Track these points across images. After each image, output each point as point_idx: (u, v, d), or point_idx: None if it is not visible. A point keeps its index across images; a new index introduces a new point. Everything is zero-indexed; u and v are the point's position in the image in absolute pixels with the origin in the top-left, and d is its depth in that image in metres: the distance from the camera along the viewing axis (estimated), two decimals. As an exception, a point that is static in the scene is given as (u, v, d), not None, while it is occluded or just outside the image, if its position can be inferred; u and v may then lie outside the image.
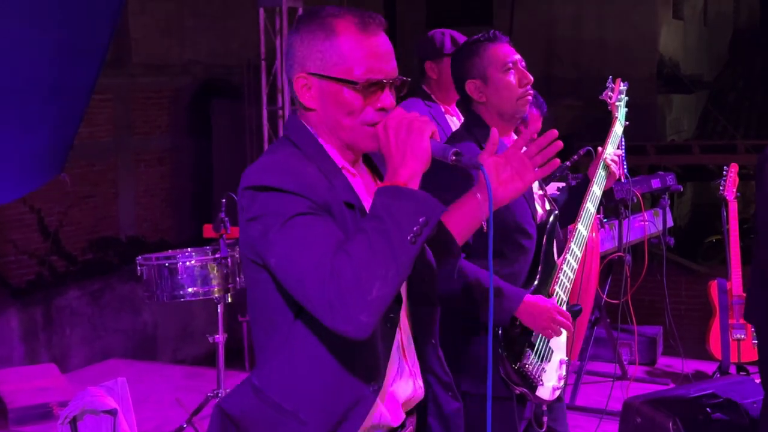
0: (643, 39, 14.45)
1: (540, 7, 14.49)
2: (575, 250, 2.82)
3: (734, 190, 5.42)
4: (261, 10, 7.36)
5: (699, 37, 17.04)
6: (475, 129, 2.78)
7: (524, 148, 1.96)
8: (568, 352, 2.89)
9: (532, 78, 2.80)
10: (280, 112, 7.44)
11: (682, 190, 5.64)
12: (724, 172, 5.47)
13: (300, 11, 7.41)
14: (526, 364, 2.63)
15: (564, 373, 2.81)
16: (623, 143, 3.44)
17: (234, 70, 10.59)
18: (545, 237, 2.75)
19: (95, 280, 8.79)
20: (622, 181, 3.79)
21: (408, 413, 1.90)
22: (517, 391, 2.64)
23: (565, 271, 2.82)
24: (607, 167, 3.07)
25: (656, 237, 5.46)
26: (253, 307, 1.84)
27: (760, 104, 15.83)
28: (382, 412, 1.81)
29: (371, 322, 1.61)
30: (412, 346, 1.90)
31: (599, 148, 3.13)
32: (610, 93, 3.34)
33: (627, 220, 4.99)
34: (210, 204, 10.68)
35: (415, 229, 1.62)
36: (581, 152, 3.93)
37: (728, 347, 5.51)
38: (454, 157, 1.72)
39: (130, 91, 9.97)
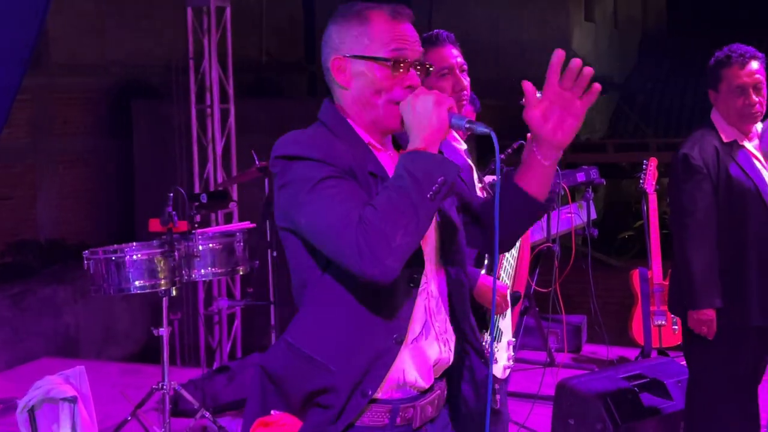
0: (557, 40, 14.80)
1: (457, 8, 14.73)
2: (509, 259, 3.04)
3: (653, 182, 5.69)
4: (189, 10, 7.36)
5: (610, 39, 17.53)
6: None
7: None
8: (513, 334, 3.07)
9: (465, 83, 2.91)
10: (209, 110, 7.46)
11: (605, 183, 5.90)
12: (644, 166, 5.74)
13: (228, 11, 7.45)
14: (482, 342, 2.78)
15: (512, 353, 2.98)
16: None
17: (155, 69, 10.54)
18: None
19: (15, 283, 8.66)
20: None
21: (438, 378, 2.02)
22: None
23: (507, 258, 3.01)
24: None
25: (581, 228, 5.70)
26: (292, 273, 2.01)
27: (669, 104, 16.39)
28: (408, 368, 1.94)
29: (396, 266, 1.78)
30: (442, 313, 2.02)
31: None
32: None
33: (555, 211, 5.21)
34: (132, 204, 10.62)
35: (434, 187, 1.79)
36: (514, 146, 4.15)
37: (650, 333, 5.78)
38: (467, 125, 1.87)
39: (48, 92, 9.85)
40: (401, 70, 1.96)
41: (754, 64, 3.51)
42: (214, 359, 7.26)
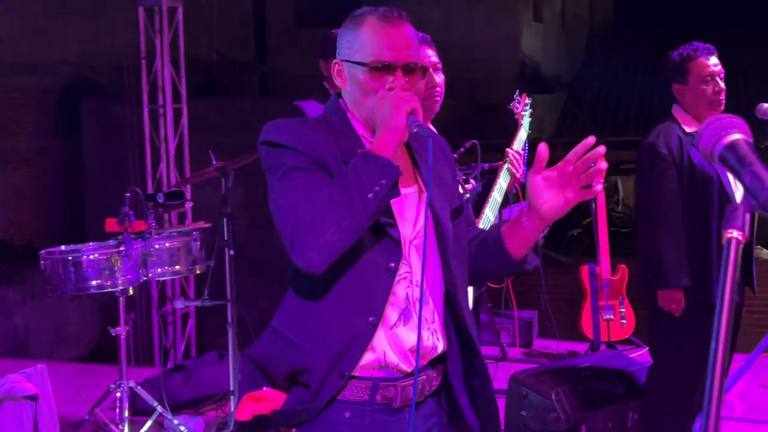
0: (506, 41, 14.99)
1: (409, 8, 14.73)
2: (489, 215, 3.19)
3: (602, 180, 5.81)
4: (141, 10, 7.35)
5: (558, 38, 17.76)
6: None
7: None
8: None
9: (437, 81, 3.09)
10: (161, 110, 7.45)
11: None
12: (592, 165, 5.87)
13: (180, 11, 7.45)
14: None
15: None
16: (526, 147, 3.92)
17: (105, 69, 10.48)
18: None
19: (-38, 285, 8.58)
20: (522, 180, 4.16)
21: (428, 366, 2.10)
22: None
23: None
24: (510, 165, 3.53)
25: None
26: (285, 261, 2.10)
27: (616, 102, 16.66)
28: (388, 351, 2.02)
29: (323, 260, 1.91)
30: (431, 303, 2.09)
31: (507, 149, 3.63)
32: (516, 104, 3.87)
33: (508, 209, 5.30)
34: (82, 205, 10.54)
35: (376, 189, 1.89)
36: (467, 145, 4.26)
37: (599, 327, 5.92)
38: (414, 129, 1.96)
39: (-4, 92, 9.76)
40: (383, 75, 2.03)
41: (715, 58, 3.81)
42: (168, 359, 7.27)
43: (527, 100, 3.97)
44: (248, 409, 2.05)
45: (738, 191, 3.80)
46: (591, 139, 2.02)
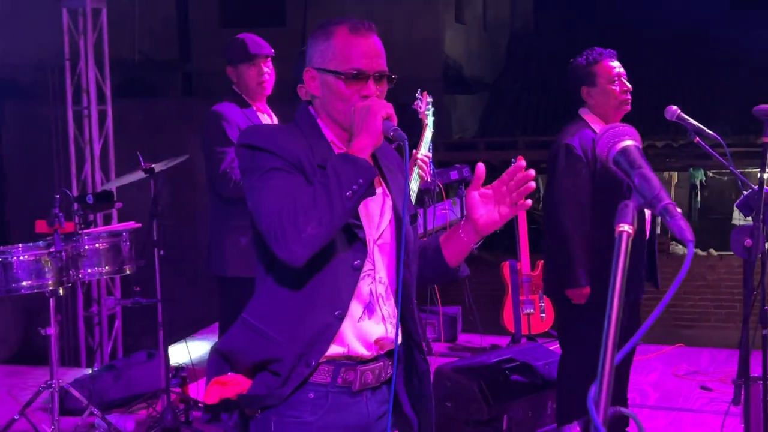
0: (429, 42, 15.19)
1: (332, 8, 14.90)
2: (413, 186, 3.32)
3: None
4: (64, 11, 7.32)
5: (480, 40, 18.03)
6: None
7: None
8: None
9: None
10: (86, 111, 7.44)
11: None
12: (512, 164, 6.07)
13: (104, 13, 7.44)
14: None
15: None
16: (431, 148, 4.04)
17: (26, 70, 10.34)
18: None
19: None
20: (429, 181, 4.29)
21: (384, 355, 2.25)
22: None
23: None
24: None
25: (455, 223, 5.99)
26: (257, 257, 2.24)
27: (536, 104, 17.00)
28: (352, 342, 2.17)
29: (304, 253, 2.04)
30: (392, 299, 2.24)
31: (414, 151, 3.72)
32: (419, 103, 3.96)
33: (431, 208, 5.48)
34: (2, 206, 10.41)
35: (354, 187, 2.03)
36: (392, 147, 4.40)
37: (519, 321, 6.13)
38: (391, 133, 2.10)
39: None
40: (357, 83, 2.17)
41: (617, 61, 4.03)
42: (95, 360, 7.26)
43: (429, 99, 4.07)
44: (215, 393, 2.18)
45: None
46: (522, 162, 2.21)
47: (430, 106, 4.04)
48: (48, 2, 7.85)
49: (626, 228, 1.25)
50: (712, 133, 3.67)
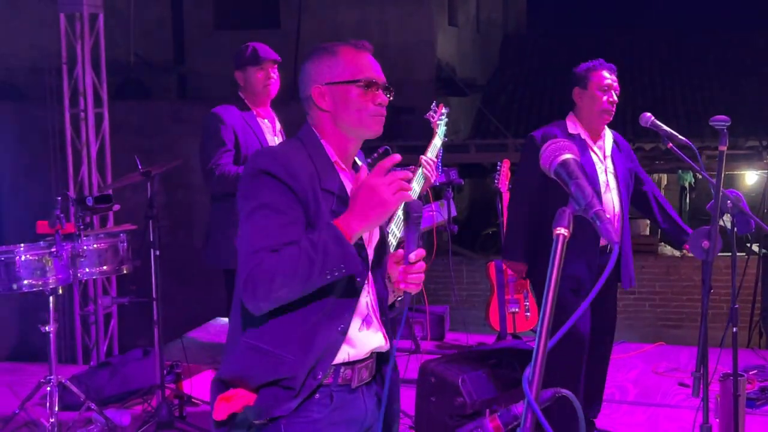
0: (421, 44, 15.33)
1: (326, 11, 15.04)
2: (395, 230, 3.47)
3: (507, 182, 6.21)
4: (62, 16, 7.49)
5: (473, 42, 18.18)
6: None
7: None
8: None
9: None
10: (83, 114, 7.60)
11: (463, 183, 6.39)
12: (498, 168, 6.26)
13: (101, 17, 7.61)
14: None
15: None
16: (440, 153, 4.31)
17: (21, 72, 10.49)
18: None
19: None
20: (436, 184, 4.59)
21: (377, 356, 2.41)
22: None
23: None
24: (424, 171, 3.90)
25: (442, 225, 6.16)
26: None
27: (528, 106, 17.17)
28: (350, 351, 2.31)
29: (268, 308, 2.17)
30: (385, 307, 2.41)
31: (420, 156, 3.99)
32: (432, 114, 4.26)
33: (418, 209, 5.62)
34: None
35: (336, 273, 2.14)
36: (380, 150, 4.60)
37: (505, 319, 6.30)
38: (416, 215, 2.26)
39: None
40: (372, 91, 2.31)
41: (614, 75, 4.37)
42: (91, 358, 7.42)
43: (444, 110, 4.34)
44: (222, 410, 2.27)
45: (608, 190, 4.32)
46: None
47: (444, 117, 4.31)
48: (46, 7, 8.01)
49: (562, 231, 1.43)
50: (684, 139, 3.85)
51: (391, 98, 2.36)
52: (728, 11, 17.81)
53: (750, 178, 15.84)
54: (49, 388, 4.58)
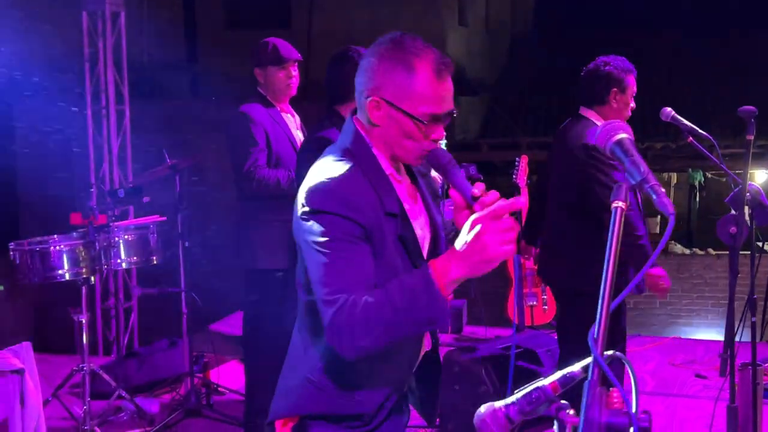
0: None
1: (337, 11, 15.14)
2: None
3: (525, 178, 6.29)
4: (84, 14, 7.60)
5: (482, 42, 18.28)
6: None
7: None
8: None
9: None
10: (104, 111, 7.71)
11: (482, 178, 6.47)
12: (516, 163, 6.33)
13: (122, 15, 7.72)
14: None
15: None
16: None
17: (43, 70, 10.59)
18: None
19: None
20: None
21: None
22: None
23: None
24: None
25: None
26: (313, 286, 2.10)
27: (537, 104, 17.26)
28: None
29: (356, 357, 2.03)
30: None
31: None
32: None
33: (441, 204, 5.72)
34: (18, 200, 10.68)
35: (422, 324, 2.02)
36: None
37: (523, 312, 6.40)
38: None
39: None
40: (432, 127, 2.12)
41: None
42: (112, 351, 7.52)
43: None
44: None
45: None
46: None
47: None
48: (68, 5, 8.11)
49: (620, 204, 1.53)
50: (704, 133, 3.93)
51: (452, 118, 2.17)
52: (737, 10, 17.88)
53: (760, 176, 15.92)
54: (81, 377, 4.69)
